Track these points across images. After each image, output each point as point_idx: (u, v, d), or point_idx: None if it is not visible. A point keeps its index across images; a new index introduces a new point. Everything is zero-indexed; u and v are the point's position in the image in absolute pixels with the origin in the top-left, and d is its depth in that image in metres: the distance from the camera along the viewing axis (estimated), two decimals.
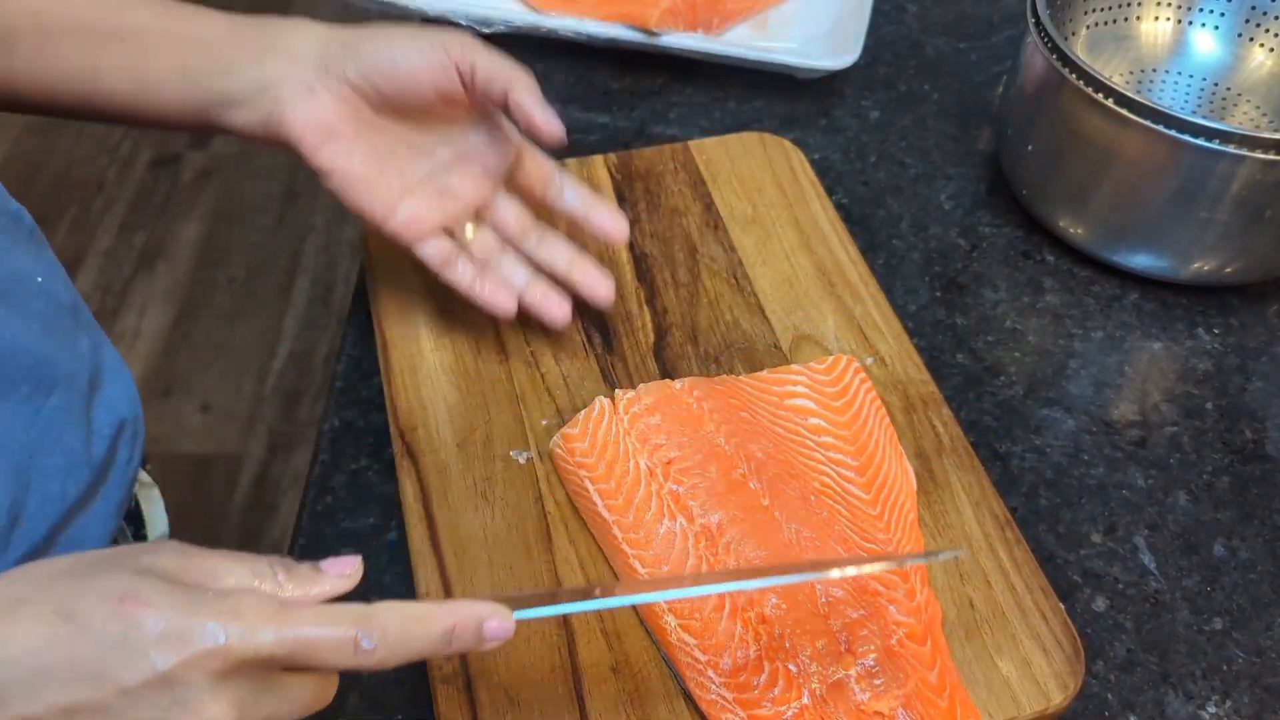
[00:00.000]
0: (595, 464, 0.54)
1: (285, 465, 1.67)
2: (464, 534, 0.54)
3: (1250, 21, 0.77)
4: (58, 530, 0.51)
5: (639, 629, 0.51)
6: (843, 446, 0.56)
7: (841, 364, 0.59)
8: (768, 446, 0.56)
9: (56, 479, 0.50)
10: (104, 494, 0.54)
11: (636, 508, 0.53)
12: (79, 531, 0.53)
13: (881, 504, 0.54)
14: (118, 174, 2.10)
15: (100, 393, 0.55)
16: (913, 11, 0.92)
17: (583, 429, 0.56)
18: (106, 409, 0.55)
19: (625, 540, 0.52)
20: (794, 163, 0.73)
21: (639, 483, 0.54)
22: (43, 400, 0.50)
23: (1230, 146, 0.61)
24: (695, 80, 0.85)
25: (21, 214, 0.53)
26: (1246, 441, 0.63)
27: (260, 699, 0.36)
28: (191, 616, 0.35)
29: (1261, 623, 0.55)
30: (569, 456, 0.55)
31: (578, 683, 0.49)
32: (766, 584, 0.46)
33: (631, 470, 0.54)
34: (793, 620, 0.49)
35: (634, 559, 0.51)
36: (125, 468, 0.56)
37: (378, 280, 0.65)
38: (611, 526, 0.52)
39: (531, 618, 0.40)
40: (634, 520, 0.52)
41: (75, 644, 0.34)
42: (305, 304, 1.89)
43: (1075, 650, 0.50)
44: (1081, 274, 0.72)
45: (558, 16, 0.83)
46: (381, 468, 0.60)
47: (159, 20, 0.56)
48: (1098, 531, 0.59)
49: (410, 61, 0.54)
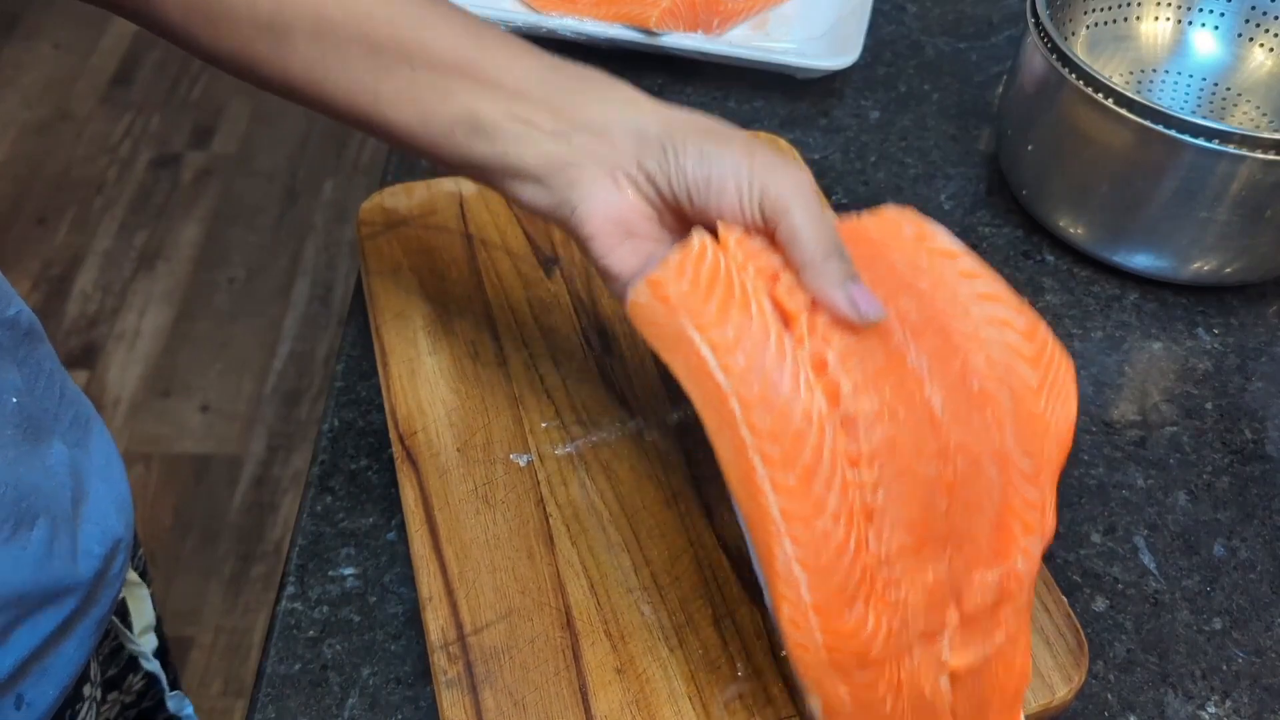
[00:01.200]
0: (703, 308, 0.39)
1: (285, 465, 1.67)
2: (466, 538, 0.54)
3: (1250, 21, 0.77)
4: (30, 662, 0.46)
5: (643, 631, 0.51)
6: (1004, 299, 0.43)
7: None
8: (918, 304, 0.42)
9: (31, 616, 0.45)
10: (88, 613, 0.49)
11: (767, 372, 0.38)
12: (55, 657, 0.47)
13: (1046, 389, 0.42)
14: (118, 174, 2.10)
15: (85, 505, 0.49)
16: (913, 11, 0.92)
17: (679, 268, 0.41)
18: (98, 523, 0.49)
19: (744, 420, 0.37)
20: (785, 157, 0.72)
21: (766, 332, 0.39)
22: (27, 534, 0.44)
23: (1230, 146, 0.61)
24: (695, 80, 0.85)
25: (19, 319, 0.47)
26: (1246, 441, 0.63)
27: None
28: None
29: (1261, 623, 0.55)
30: (663, 303, 0.40)
31: (583, 685, 0.49)
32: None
33: (756, 316, 0.39)
34: (910, 548, 0.38)
35: (753, 450, 0.37)
36: (114, 581, 0.51)
37: (374, 286, 0.65)
38: (729, 398, 0.38)
39: None
40: (760, 390, 0.37)
41: None
42: (305, 304, 1.89)
43: (1079, 643, 0.50)
44: (1081, 274, 0.72)
45: (558, 16, 0.84)
46: (381, 468, 0.60)
47: (459, 49, 0.48)
48: (1097, 531, 0.59)
49: (722, 197, 0.44)
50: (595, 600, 0.52)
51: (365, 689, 0.52)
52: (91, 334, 1.84)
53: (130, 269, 1.94)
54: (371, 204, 0.69)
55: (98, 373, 1.78)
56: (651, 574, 0.53)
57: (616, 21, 0.83)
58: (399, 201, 0.70)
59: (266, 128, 2.20)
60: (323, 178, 2.10)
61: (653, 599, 0.52)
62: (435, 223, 0.69)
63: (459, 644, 0.50)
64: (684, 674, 0.49)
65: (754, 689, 0.49)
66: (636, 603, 0.52)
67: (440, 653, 0.50)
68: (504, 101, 0.47)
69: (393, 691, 0.51)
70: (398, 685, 0.52)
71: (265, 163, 2.12)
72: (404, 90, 0.48)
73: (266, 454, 1.68)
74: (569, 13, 0.84)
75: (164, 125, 2.20)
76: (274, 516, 1.61)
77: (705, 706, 0.48)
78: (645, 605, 0.52)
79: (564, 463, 0.57)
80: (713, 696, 0.49)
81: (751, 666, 0.50)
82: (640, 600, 0.52)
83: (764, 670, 0.49)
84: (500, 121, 0.47)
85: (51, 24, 2.43)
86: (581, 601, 0.52)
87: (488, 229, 0.67)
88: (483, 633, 0.50)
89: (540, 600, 0.51)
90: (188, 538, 1.57)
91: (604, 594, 0.52)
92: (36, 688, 0.46)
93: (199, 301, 1.89)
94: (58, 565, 0.45)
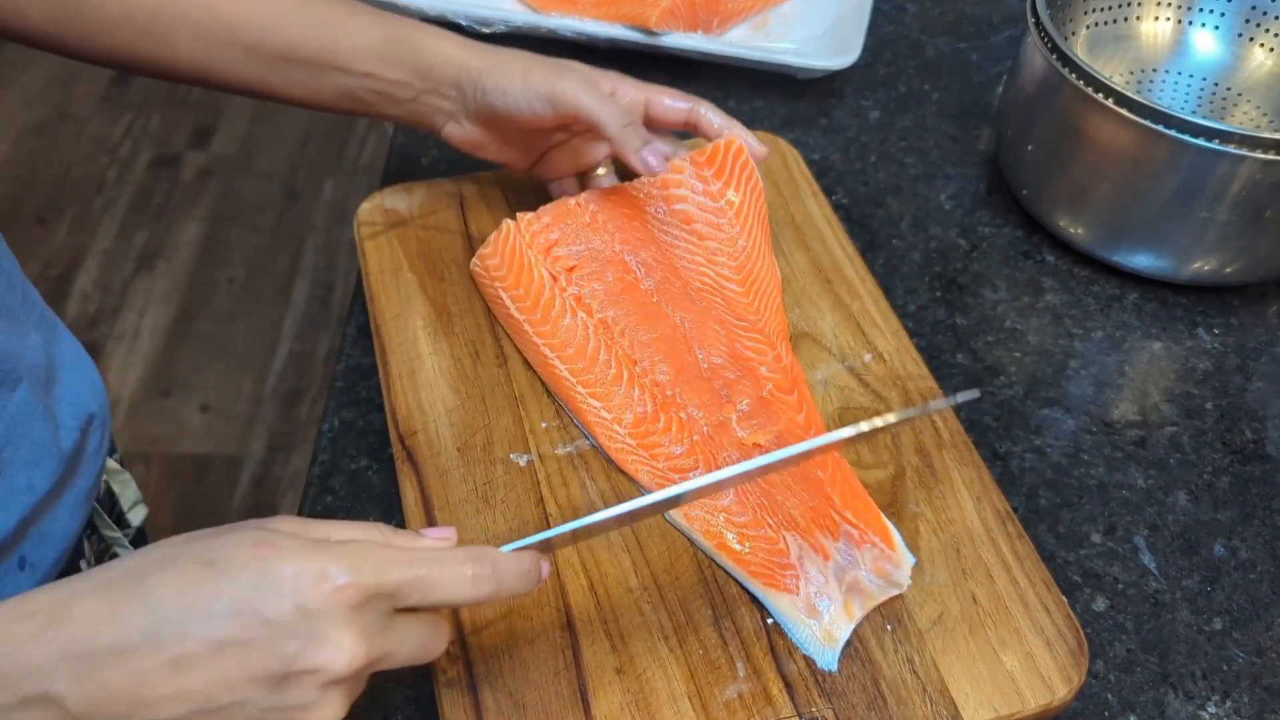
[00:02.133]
0: (506, 275, 0.62)
1: (285, 465, 1.67)
2: (466, 538, 0.54)
3: (1250, 21, 0.77)
4: (28, 523, 0.52)
5: (643, 631, 0.51)
6: (722, 248, 0.63)
7: (723, 149, 0.65)
8: (656, 252, 0.64)
9: (24, 471, 0.52)
10: (73, 484, 0.56)
11: (543, 307, 0.61)
12: (50, 521, 0.54)
13: (752, 292, 0.62)
14: (118, 174, 2.10)
15: (58, 387, 0.56)
16: (913, 11, 0.92)
17: (494, 248, 0.63)
18: (71, 402, 0.56)
19: (536, 334, 0.60)
20: (789, 161, 0.73)
21: (544, 288, 0.61)
22: (8, 394, 0.51)
23: (1230, 146, 0.61)
24: (695, 80, 0.85)
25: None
26: (1246, 441, 0.63)
27: (385, 633, 0.39)
28: (320, 559, 0.38)
29: (1261, 623, 0.55)
30: (485, 273, 0.63)
31: (582, 685, 0.49)
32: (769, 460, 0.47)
33: (536, 278, 0.62)
34: (681, 383, 0.59)
35: (544, 348, 0.60)
36: (94, 457, 0.58)
37: (374, 286, 0.65)
38: (523, 324, 0.60)
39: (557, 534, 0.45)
40: (542, 318, 0.61)
41: (219, 583, 0.37)
42: (305, 304, 1.89)
43: (1079, 643, 0.50)
44: (1081, 274, 0.72)
45: (558, 16, 0.84)
46: (381, 468, 0.60)
47: (321, 44, 0.61)
48: (1098, 531, 0.59)
49: (520, 112, 0.61)
50: (595, 600, 0.52)
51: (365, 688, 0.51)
52: (92, 334, 1.83)
53: (130, 269, 1.94)
54: (371, 204, 0.69)
55: None
56: (651, 574, 0.53)
57: (617, 21, 0.83)
58: (399, 201, 0.70)
59: (266, 128, 2.20)
60: (323, 178, 2.10)
61: (652, 599, 0.52)
62: (435, 223, 0.69)
63: (459, 644, 0.50)
64: (683, 674, 0.49)
65: (753, 689, 0.49)
66: (636, 602, 0.52)
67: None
68: (365, 80, 0.62)
69: (393, 691, 0.51)
70: (398, 685, 0.52)
71: (265, 163, 2.12)
72: (288, 80, 0.62)
73: (266, 454, 1.68)
74: (569, 13, 0.84)
75: (164, 125, 2.20)
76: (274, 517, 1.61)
77: (705, 706, 0.48)
78: (645, 605, 0.52)
79: (564, 463, 0.57)
80: (712, 697, 0.49)
81: (751, 667, 0.50)
82: (640, 600, 0.52)
83: (763, 670, 0.49)
84: (365, 97, 0.63)
85: None
86: (581, 601, 0.52)
87: (488, 229, 0.67)
88: (482, 632, 0.50)
89: (540, 600, 0.51)
90: None
91: (604, 594, 0.52)
92: (37, 550, 0.54)
93: (199, 301, 1.89)
94: (37, 429, 0.53)
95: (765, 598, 0.51)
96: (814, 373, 0.61)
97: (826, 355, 0.62)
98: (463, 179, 0.71)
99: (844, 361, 0.62)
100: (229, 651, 0.36)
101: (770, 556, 0.52)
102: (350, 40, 0.61)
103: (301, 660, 0.37)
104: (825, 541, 0.53)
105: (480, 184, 0.71)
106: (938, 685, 0.49)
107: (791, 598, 0.51)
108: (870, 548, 0.52)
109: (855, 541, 0.53)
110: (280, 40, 0.61)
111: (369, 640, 0.38)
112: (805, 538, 0.53)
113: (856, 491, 0.55)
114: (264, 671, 0.37)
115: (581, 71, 0.62)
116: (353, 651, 0.38)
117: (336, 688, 0.38)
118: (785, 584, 0.52)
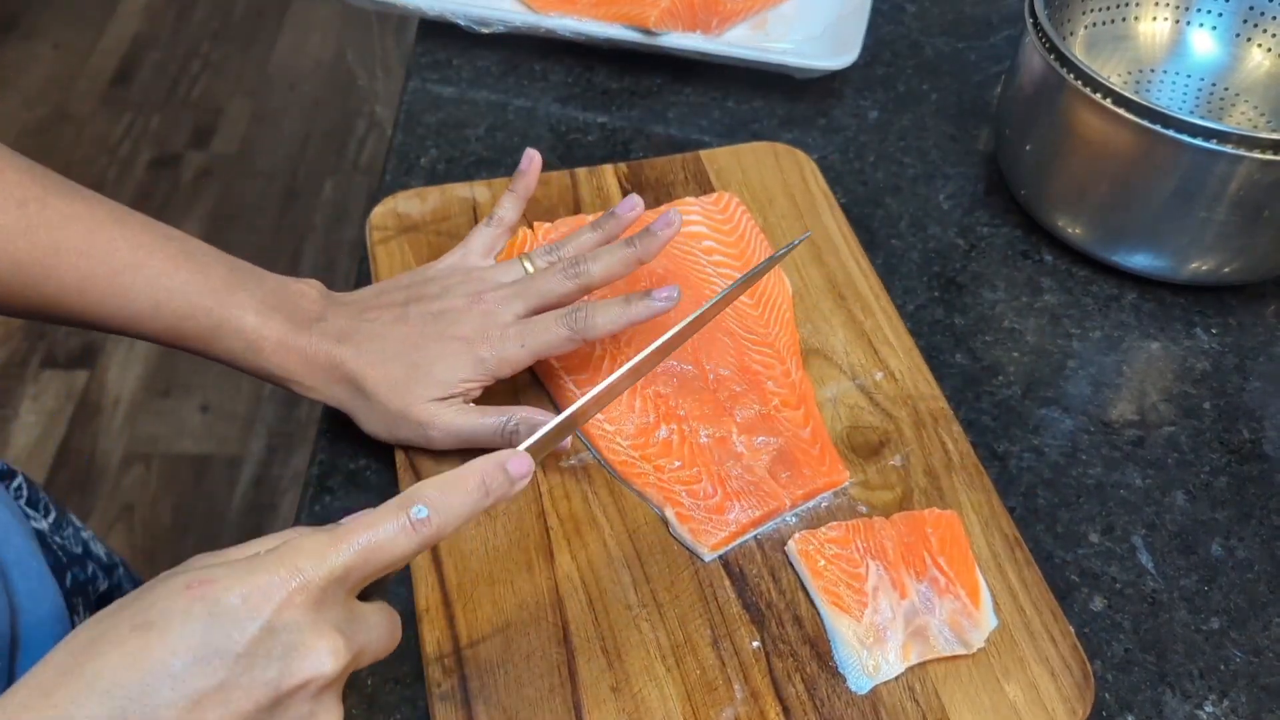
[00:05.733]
0: None
1: (285, 465, 1.67)
2: (465, 549, 0.53)
3: (1248, 22, 0.77)
4: None
5: (640, 649, 0.50)
6: (730, 263, 0.66)
7: (725, 199, 0.68)
8: (668, 265, 0.65)
9: None
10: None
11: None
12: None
13: (762, 305, 0.64)
14: (118, 174, 2.10)
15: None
16: (912, 11, 0.92)
17: (507, 254, 0.64)
18: None
19: (562, 369, 0.60)
20: (806, 173, 0.73)
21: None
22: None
23: (1228, 146, 0.61)
24: (694, 80, 0.85)
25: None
26: (1244, 441, 0.63)
27: (352, 623, 0.38)
28: (261, 573, 0.36)
29: (1259, 622, 0.56)
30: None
31: (577, 703, 0.48)
32: (667, 338, 0.51)
33: None
34: (683, 394, 0.59)
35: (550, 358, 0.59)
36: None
37: None
38: (558, 367, 0.61)
39: (536, 441, 0.45)
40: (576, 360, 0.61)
41: (167, 640, 0.35)
42: None
43: (1085, 675, 0.50)
44: (1080, 274, 0.72)
45: (557, 16, 0.84)
46: (381, 468, 0.60)
47: (151, 272, 0.56)
48: (1095, 531, 0.59)
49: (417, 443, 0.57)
50: (593, 616, 0.51)
51: (363, 689, 0.52)
52: (91, 334, 1.83)
53: None
54: (384, 209, 0.69)
55: (97, 373, 1.78)
56: (651, 591, 0.52)
57: (616, 21, 0.83)
58: (412, 207, 0.69)
59: (266, 128, 2.20)
60: (323, 178, 2.10)
61: (651, 617, 0.51)
62: (448, 229, 0.68)
63: (454, 656, 0.49)
64: (680, 694, 0.49)
65: (750, 712, 0.48)
66: (635, 620, 0.51)
67: (435, 665, 0.49)
68: (193, 316, 0.56)
69: (390, 691, 0.52)
70: (395, 685, 0.52)
71: (265, 163, 2.12)
72: (113, 304, 0.57)
73: (266, 454, 1.68)
74: (568, 13, 0.84)
75: (164, 125, 2.20)
76: (273, 516, 1.61)
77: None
78: (644, 623, 0.51)
79: (567, 475, 0.57)
80: (708, 718, 0.48)
81: (749, 689, 0.49)
82: (639, 617, 0.51)
83: (761, 693, 0.49)
84: (193, 333, 0.56)
85: (51, 24, 2.43)
86: (579, 617, 0.51)
87: None
88: (478, 645, 0.50)
89: (538, 614, 0.51)
90: (187, 538, 1.57)
91: (602, 610, 0.51)
92: None
93: None
94: None
95: (824, 611, 0.51)
96: (823, 389, 0.61)
97: (837, 372, 0.62)
98: (476, 185, 0.71)
99: (854, 379, 0.61)
100: (207, 703, 0.34)
101: (846, 577, 0.52)
102: (186, 271, 0.56)
103: (288, 679, 0.36)
104: (908, 580, 0.52)
105: (495, 191, 0.71)
106: (938, 714, 0.48)
107: (852, 622, 0.50)
108: (953, 600, 0.51)
109: (939, 589, 0.52)
110: (110, 259, 0.56)
111: (343, 633, 0.38)
112: (889, 570, 0.52)
113: (957, 539, 0.53)
114: (253, 706, 0.35)
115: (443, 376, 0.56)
116: (334, 649, 0.37)
117: (328, 691, 0.38)
118: (850, 607, 0.51)
